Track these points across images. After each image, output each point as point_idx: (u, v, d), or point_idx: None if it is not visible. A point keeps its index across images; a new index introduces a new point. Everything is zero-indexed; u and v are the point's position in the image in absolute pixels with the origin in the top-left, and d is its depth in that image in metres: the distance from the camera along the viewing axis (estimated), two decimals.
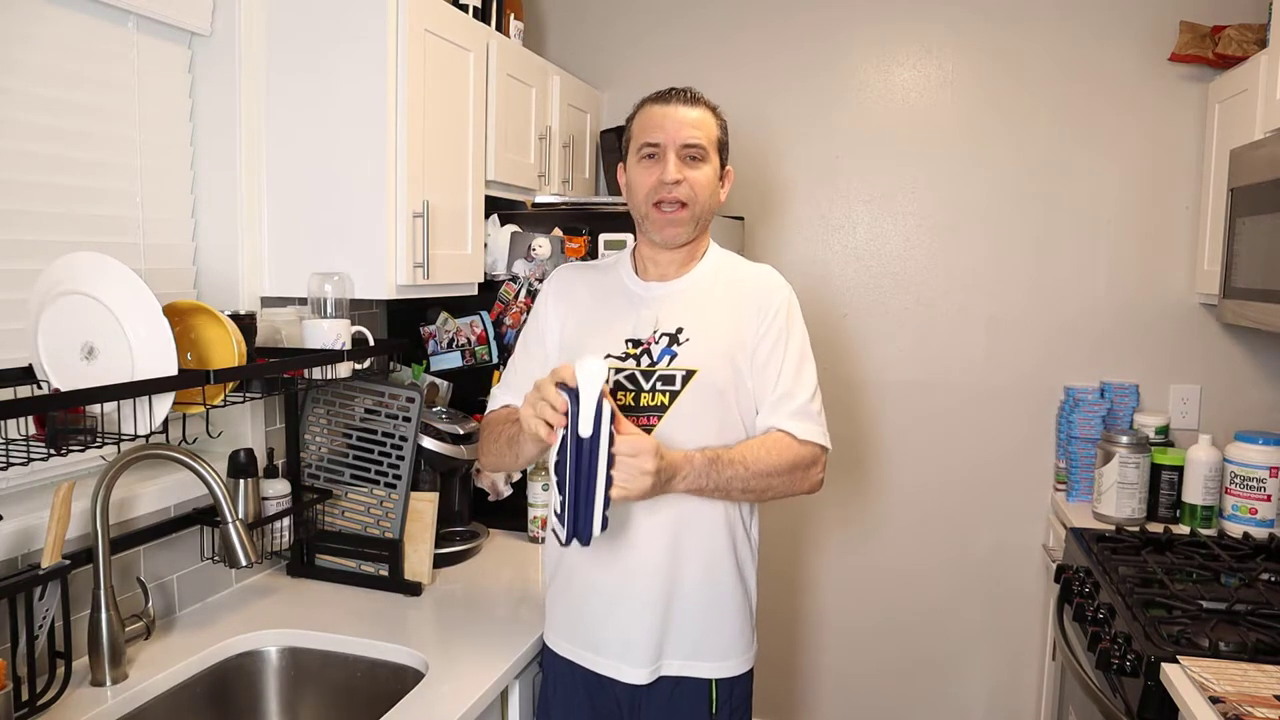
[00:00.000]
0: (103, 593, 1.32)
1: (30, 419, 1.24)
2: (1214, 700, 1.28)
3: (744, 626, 1.47)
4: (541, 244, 2.05)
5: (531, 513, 2.06)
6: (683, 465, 1.30)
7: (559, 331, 1.51)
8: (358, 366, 1.73)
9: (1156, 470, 2.27)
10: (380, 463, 1.77)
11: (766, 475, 1.37)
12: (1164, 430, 2.41)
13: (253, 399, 1.55)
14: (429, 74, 1.74)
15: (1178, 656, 1.43)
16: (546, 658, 1.51)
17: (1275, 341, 2.42)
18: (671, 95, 1.43)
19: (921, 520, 2.70)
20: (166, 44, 1.64)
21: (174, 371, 1.29)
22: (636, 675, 1.41)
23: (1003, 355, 2.61)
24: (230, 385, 1.48)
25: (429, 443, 1.84)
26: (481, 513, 2.13)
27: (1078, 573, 1.89)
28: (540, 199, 2.24)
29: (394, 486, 1.76)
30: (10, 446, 1.19)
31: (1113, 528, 2.15)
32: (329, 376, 1.65)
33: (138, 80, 1.58)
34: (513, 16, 2.23)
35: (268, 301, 1.76)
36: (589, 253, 2.08)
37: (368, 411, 1.80)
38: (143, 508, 1.51)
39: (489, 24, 2.07)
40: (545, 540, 1.58)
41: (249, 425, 1.75)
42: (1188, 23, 2.36)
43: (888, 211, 2.67)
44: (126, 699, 1.31)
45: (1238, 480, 2.17)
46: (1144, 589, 1.72)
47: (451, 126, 1.85)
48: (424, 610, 1.67)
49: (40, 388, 1.31)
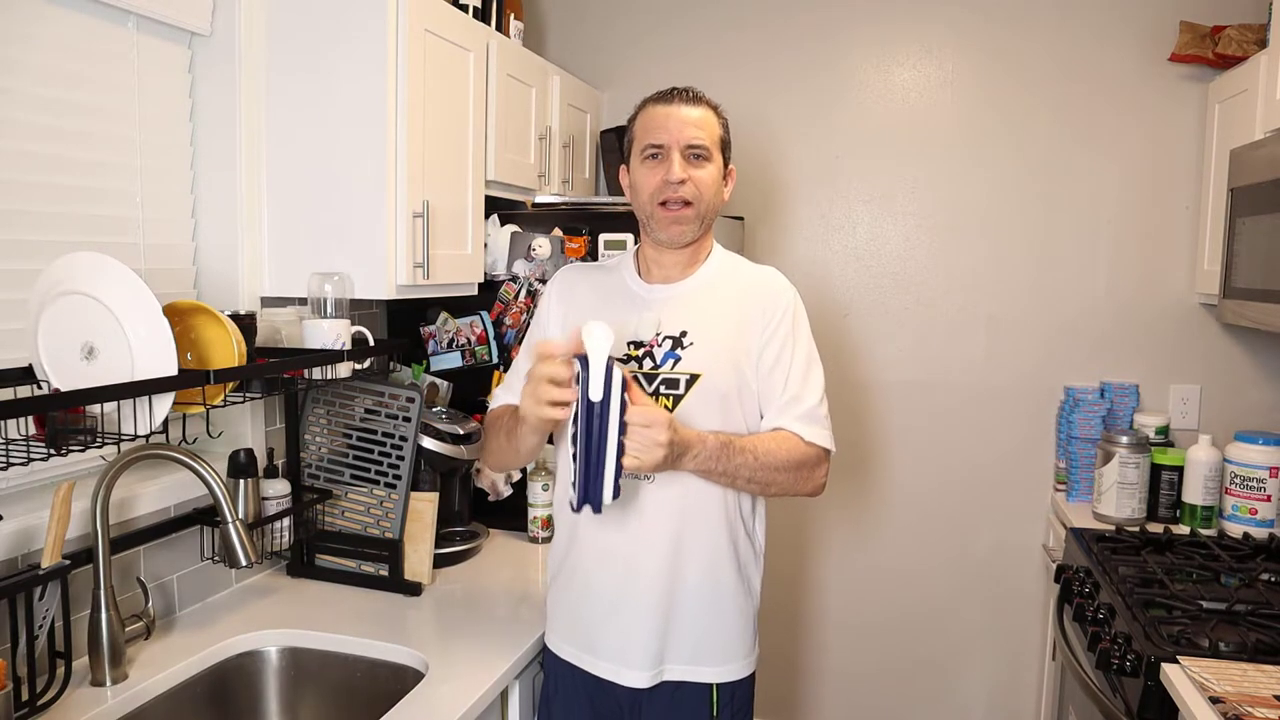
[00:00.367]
0: (103, 593, 1.32)
1: (30, 419, 1.24)
2: (1214, 700, 1.28)
3: (746, 630, 1.47)
4: (541, 244, 2.05)
5: (531, 513, 2.06)
6: (695, 444, 1.29)
7: (561, 333, 1.50)
8: (358, 366, 1.73)
9: (1156, 470, 2.27)
10: (380, 463, 1.77)
11: (774, 469, 1.37)
12: (1164, 430, 2.41)
13: (253, 399, 1.55)
14: (429, 74, 1.74)
15: (1178, 656, 1.43)
16: (547, 659, 1.51)
17: (1275, 341, 2.41)
18: (673, 95, 1.42)
19: (922, 520, 2.70)
20: (166, 44, 1.64)
21: (174, 371, 1.29)
22: (637, 679, 1.40)
23: (1003, 355, 2.61)
24: (230, 385, 1.48)
25: (429, 443, 1.84)
26: (481, 513, 2.13)
27: (1078, 573, 1.89)
28: (540, 199, 2.24)
29: (394, 486, 1.76)
30: (10, 446, 1.19)
31: (1113, 528, 2.15)
32: (329, 376, 1.65)
33: (138, 80, 1.58)
34: (513, 16, 2.23)
35: (268, 301, 1.76)
36: (589, 253, 2.08)
37: (368, 411, 1.80)
38: (143, 508, 1.51)
39: (489, 24, 2.07)
40: (550, 539, 1.58)
41: (249, 425, 1.75)
42: (1188, 23, 2.36)
43: (888, 211, 2.67)
44: (126, 699, 1.31)
45: (1238, 480, 2.17)
46: (1144, 589, 1.72)
47: (451, 126, 1.85)
48: (424, 610, 1.67)
49: (40, 388, 1.30)
